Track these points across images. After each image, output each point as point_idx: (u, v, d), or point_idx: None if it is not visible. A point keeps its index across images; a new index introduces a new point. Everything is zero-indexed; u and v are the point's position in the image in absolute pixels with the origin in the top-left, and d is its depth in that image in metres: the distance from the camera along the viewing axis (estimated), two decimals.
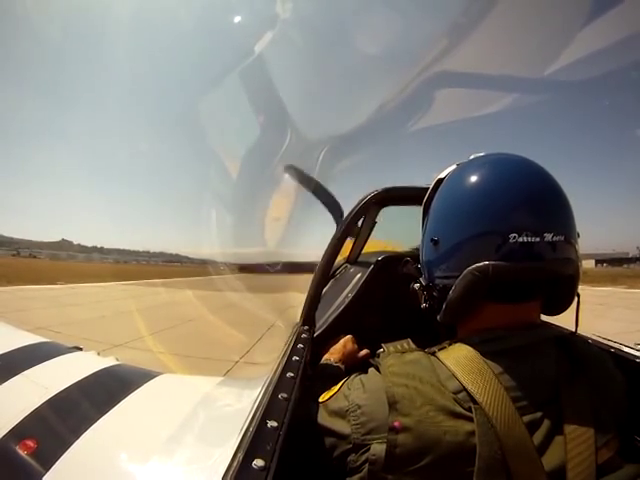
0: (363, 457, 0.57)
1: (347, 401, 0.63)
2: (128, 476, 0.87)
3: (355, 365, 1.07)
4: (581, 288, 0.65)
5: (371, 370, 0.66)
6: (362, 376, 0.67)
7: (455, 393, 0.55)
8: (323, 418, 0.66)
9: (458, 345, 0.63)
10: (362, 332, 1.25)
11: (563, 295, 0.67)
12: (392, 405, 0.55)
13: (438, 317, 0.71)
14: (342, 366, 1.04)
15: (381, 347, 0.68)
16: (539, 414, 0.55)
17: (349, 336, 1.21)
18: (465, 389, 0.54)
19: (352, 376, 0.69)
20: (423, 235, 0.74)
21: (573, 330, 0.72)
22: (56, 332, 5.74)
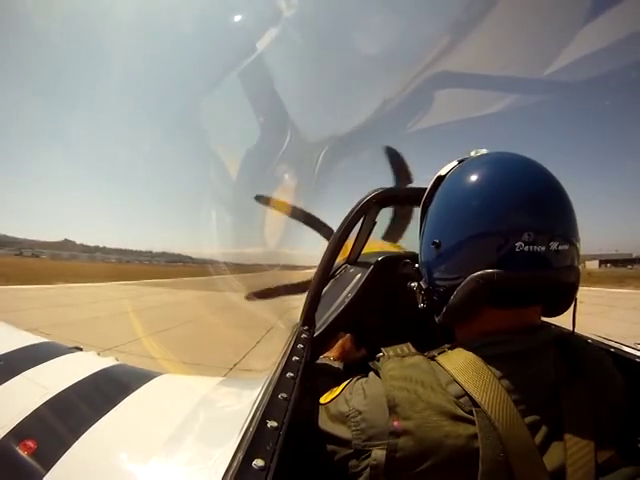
0: (364, 462, 0.56)
1: (348, 406, 0.62)
2: (128, 476, 0.86)
3: (352, 364, 1.07)
4: (587, 289, 0.64)
5: (372, 374, 0.66)
6: (363, 380, 0.66)
7: (457, 397, 0.54)
8: (324, 422, 0.66)
9: (458, 350, 0.62)
10: (362, 332, 1.25)
11: (564, 300, 0.66)
12: (392, 408, 0.55)
13: (437, 319, 0.70)
14: (340, 364, 1.04)
15: (380, 350, 0.67)
16: (539, 415, 0.54)
17: (348, 335, 1.21)
18: (467, 393, 0.54)
19: (354, 379, 0.69)
20: (422, 235, 0.73)
21: (577, 330, 0.72)
22: (46, 334, 5.46)
